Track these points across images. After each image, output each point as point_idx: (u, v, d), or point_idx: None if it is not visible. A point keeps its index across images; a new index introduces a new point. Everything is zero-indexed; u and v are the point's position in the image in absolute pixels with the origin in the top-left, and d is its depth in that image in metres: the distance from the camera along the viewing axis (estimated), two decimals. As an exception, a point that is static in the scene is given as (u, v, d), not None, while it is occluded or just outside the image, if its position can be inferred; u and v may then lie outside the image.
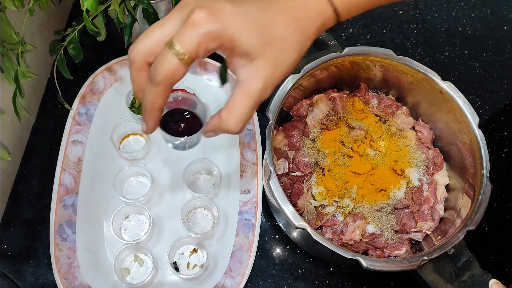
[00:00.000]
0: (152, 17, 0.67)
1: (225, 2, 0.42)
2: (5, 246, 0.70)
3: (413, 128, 0.75)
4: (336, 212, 0.67)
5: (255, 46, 0.42)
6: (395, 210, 0.69)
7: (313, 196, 0.68)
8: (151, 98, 0.44)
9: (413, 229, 0.68)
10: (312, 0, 0.44)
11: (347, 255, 0.57)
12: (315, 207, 0.68)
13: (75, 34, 0.65)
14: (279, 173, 0.70)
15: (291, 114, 0.76)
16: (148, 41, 0.43)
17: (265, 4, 0.43)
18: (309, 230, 0.57)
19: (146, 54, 0.43)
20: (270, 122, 0.63)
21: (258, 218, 0.69)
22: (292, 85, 0.66)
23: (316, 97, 0.74)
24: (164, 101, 0.45)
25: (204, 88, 0.77)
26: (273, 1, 0.43)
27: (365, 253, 0.68)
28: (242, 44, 0.42)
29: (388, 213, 0.69)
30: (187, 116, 0.54)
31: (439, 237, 0.66)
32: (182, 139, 0.52)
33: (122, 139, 0.77)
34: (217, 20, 0.41)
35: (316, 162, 0.70)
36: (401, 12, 0.95)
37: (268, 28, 0.42)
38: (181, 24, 0.42)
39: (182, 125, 0.53)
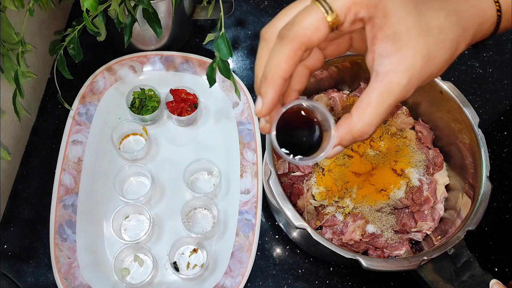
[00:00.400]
0: (152, 17, 0.67)
1: None
2: (5, 246, 0.70)
3: (413, 128, 0.75)
4: (336, 212, 0.67)
5: (408, 30, 0.35)
6: (395, 210, 0.69)
7: (313, 196, 0.68)
8: (277, 60, 0.35)
9: (413, 229, 0.68)
10: (480, 15, 0.38)
11: (347, 255, 0.57)
12: (315, 207, 0.68)
13: (75, 34, 0.65)
14: (279, 173, 0.70)
15: (291, 114, 0.76)
16: (287, 19, 0.36)
17: (452, 7, 0.37)
18: (309, 230, 0.57)
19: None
20: (270, 122, 0.63)
21: (258, 218, 0.69)
22: (292, 85, 0.66)
23: (316, 97, 0.74)
24: (291, 69, 0.36)
25: (205, 88, 0.77)
26: (455, 7, 0.37)
27: (365, 253, 0.68)
28: (395, 23, 0.35)
29: (388, 213, 0.69)
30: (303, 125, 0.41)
31: (439, 237, 0.66)
32: (297, 159, 0.39)
33: (122, 139, 0.77)
34: None
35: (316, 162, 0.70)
36: (401, 12, 0.95)
37: (427, 14, 0.36)
38: None
39: (299, 137, 0.41)
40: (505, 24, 0.40)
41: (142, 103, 0.76)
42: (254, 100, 0.77)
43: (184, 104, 0.76)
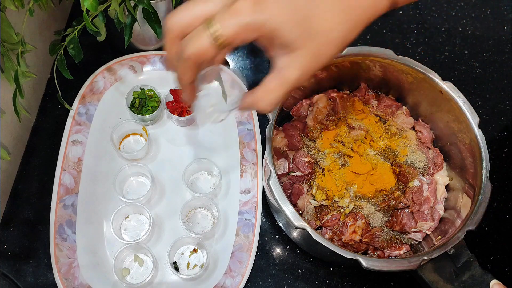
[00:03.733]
0: (152, 17, 0.67)
1: None
2: (5, 246, 0.70)
3: (413, 128, 0.75)
4: (336, 212, 0.67)
5: (296, 39, 0.41)
6: (395, 210, 0.69)
7: (313, 196, 0.68)
8: (180, 71, 0.45)
9: (413, 229, 0.68)
10: None
11: (347, 255, 0.57)
12: (315, 207, 0.68)
13: (75, 34, 0.65)
14: (279, 173, 0.70)
15: (291, 114, 0.76)
16: (187, 13, 0.43)
17: None
18: (309, 230, 0.57)
19: (183, 25, 0.43)
20: (270, 122, 0.63)
21: (258, 218, 0.69)
22: (292, 85, 0.66)
23: (316, 97, 0.74)
24: (191, 78, 0.45)
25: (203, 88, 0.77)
26: None
27: (365, 253, 0.68)
28: (283, 36, 0.41)
29: (388, 213, 0.69)
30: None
31: (439, 237, 0.66)
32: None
33: (122, 139, 0.77)
34: (262, 11, 0.40)
35: (316, 162, 0.70)
36: (401, 12, 0.95)
37: (314, 20, 0.40)
38: (224, 6, 0.41)
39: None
40: (402, 1, 0.43)
41: (142, 103, 0.76)
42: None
43: (184, 104, 0.76)
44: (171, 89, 0.76)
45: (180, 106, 0.76)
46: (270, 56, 0.44)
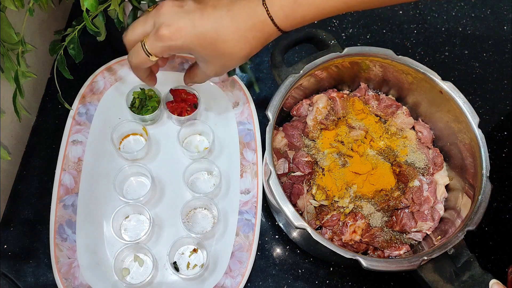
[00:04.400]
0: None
1: (187, 22, 0.53)
2: (5, 246, 0.70)
3: (413, 128, 0.75)
4: (336, 212, 0.67)
5: (207, 57, 0.57)
6: (395, 210, 0.69)
7: (313, 196, 0.68)
8: (134, 73, 0.65)
9: (413, 229, 0.68)
10: (260, 22, 0.53)
11: (347, 255, 0.57)
12: (315, 207, 0.68)
13: (75, 34, 0.65)
14: (279, 173, 0.70)
15: (291, 114, 0.76)
16: (133, 33, 0.59)
17: (221, 24, 0.53)
18: (309, 230, 0.57)
19: (132, 41, 0.59)
20: (270, 122, 0.63)
21: (258, 218, 0.69)
22: (292, 85, 0.66)
23: (316, 97, 0.74)
24: (144, 75, 0.65)
25: (205, 88, 0.77)
26: (228, 22, 0.53)
27: (365, 253, 0.68)
28: (197, 54, 0.57)
29: (388, 213, 0.69)
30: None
31: (439, 237, 0.66)
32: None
33: (122, 139, 0.77)
34: (178, 38, 0.54)
35: (316, 162, 0.70)
36: (401, 12, 0.95)
37: (220, 45, 0.54)
38: (153, 29, 0.56)
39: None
40: (289, 30, 0.55)
41: (142, 103, 0.76)
42: (254, 100, 0.77)
43: (184, 104, 0.76)
44: (171, 89, 0.76)
45: (180, 106, 0.76)
46: (195, 58, 0.60)
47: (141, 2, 0.66)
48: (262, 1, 0.52)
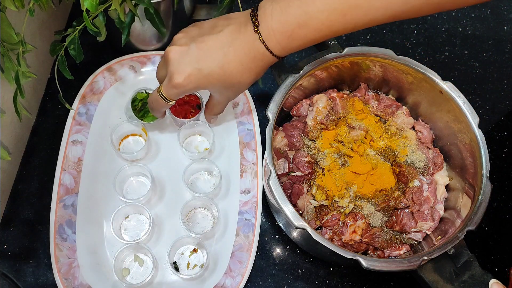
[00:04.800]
0: (154, 18, 0.67)
1: (194, 67, 0.58)
2: (5, 246, 0.70)
3: (413, 128, 0.75)
4: (336, 212, 0.67)
5: (219, 90, 0.63)
6: (395, 210, 0.69)
7: (313, 196, 0.68)
8: (153, 113, 0.70)
9: (413, 229, 0.68)
10: (259, 54, 0.58)
11: (347, 255, 0.57)
12: (315, 207, 0.68)
13: (75, 34, 0.65)
14: (279, 173, 0.70)
15: (291, 114, 0.76)
16: (159, 73, 0.66)
17: (225, 61, 0.58)
18: (309, 230, 0.57)
19: (160, 79, 0.66)
20: (270, 122, 0.63)
21: (258, 218, 0.69)
22: (292, 85, 0.66)
23: (316, 97, 0.74)
24: (159, 115, 0.71)
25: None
26: (231, 57, 0.58)
27: (365, 253, 0.68)
28: (210, 90, 0.64)
29: (388, 213, 0.69)
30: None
31: (439, 237, 0.66)
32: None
33: (122, 140, 0.77)
34: (190, 83, 0.59)
35: (316, 162, 0.70)
36: (401, 12, 0.95)
37: (228, 79, 0.60)
38: (167, 78, 0.61)
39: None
40: (285, 55, 0.60)
41: (145, 107, 0.75)
42: (254, 100, 0.77)
43: (187, 106, 0.76)
44: None
45: (184, 109, 0.76)
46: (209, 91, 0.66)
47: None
48: (259, 37, 0.57)
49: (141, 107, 0.76)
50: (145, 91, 0.76)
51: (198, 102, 0.77)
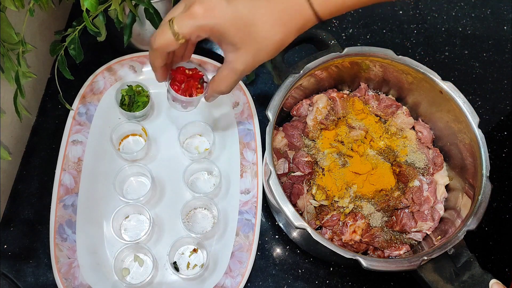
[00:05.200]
0: (154, 17, 0.67)
1: (220, 1, 0.50)
2: (5, 246, 0.70)
3: (413, 128, 0.75)
4: (336, 212, 0.67)
5: (240, 41, 0.51)
6: (395, 210, 0.69)
7: (313, 196, 0.68)
8: (151, 58, 0.57)
9: (413, 229, 0.68)
10: (297, 5, 0.50)
11: (347, 255, 0.57)
12: (315, 207, 0.68)
13: (75, 34, 0.65)
14: (279, 173, 0.70)
15: (291, 114, 0.76)
16: (165, 19, 0.55)
17: (256, 5, 0.50)
18: (309, 230, 0.57)
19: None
20: (270, 122, 0.63)
21: (258, 218, 0.69)
22: (292, 85, 0.66)
23: (316, 97, 0.74)
24: (161, 63, 0.58)
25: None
26: (264, 3, 0.50)
27: (365, 253, 0.68)
28: (229, 38, 0.51)
29: (388, 213, 0.69)
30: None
31: (439, 237, 0.66)
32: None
33: (122, 140, 0.77)
34: (211, 17, 0.50)
35: (316, 162, 0.70)
36: (401, 12, 0.95)
37: (253, 28, 0.50)
38: (183, 8, 0.52)
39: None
40: (326, 18, 0.52)
41: (132, 100, 0.76)
42: (254, 100, 0.77)
43: (192, 81, 0.66)
44: (171, 70, 0.65)
45: (189, 84, 0.66)
46: (222, 49, 0.54)
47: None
48: None
49: (128, 101, 0.76)
50: (127, 85, 0.76)
51: (202, 76, 0.66)
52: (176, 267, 0.68)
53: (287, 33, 0.51)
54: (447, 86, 0.67)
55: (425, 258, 0.58)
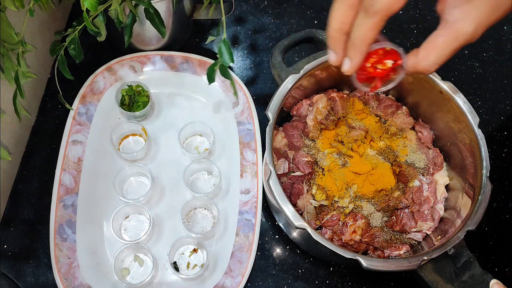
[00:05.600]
0: (154, 17, 0.67)
1: None
2: (5, 246, 0.70)
3: (413, 128, 0.75)
4: (336, 212, 0.67)
5: None
6: (395, 210, 0.69)
7: (313, 196, 0.68)
8: (364, 30, 0.41)
9: (413, 229, 0.68)
10: None
11: (347, 255, 0.57)
12: (315, 207, 0.68)
13: (75, 34, 0.65)
14: (279, 173, 0.70)
15: (291, 114, 0.76)
16: None
17: None
18: (309, 230, 0.57)
19: None
20: (270, 122, 0.63)
21: (258, 218, 0.69)
22: (292, 85, 0.66)
23: (316, 97, 0.74)
24: (376, 35, 0.43)
25: (205, 88, 0.77)
26: None
27: (365, 253, 0.68)
28: None
29: (388, 213, 0.69)
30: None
31: (439, 237, 0.66)
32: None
33: (122, 140, 0.77)
34: None
35: (316, 162, 0.70)
36: (401, 12, 0.94)
37: None
38: None
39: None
40: None
41: (132, 100, 0.76)
42: (254, 100, 0.77)
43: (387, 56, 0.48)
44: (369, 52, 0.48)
45: (387, 71, 0.49)
46: (441, 9, 0.41)
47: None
48: None
49: (128, 101, 0.76)
50: (127, 85, 0.76)
51: (399, 57, 0.49)
52: (176, 267, 0.68)
53: None
54: (447, 86, 0.67)
55: (425, 258, 0.58)
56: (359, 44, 0.42)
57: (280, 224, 0.72)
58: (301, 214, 0.65)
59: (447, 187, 0.71)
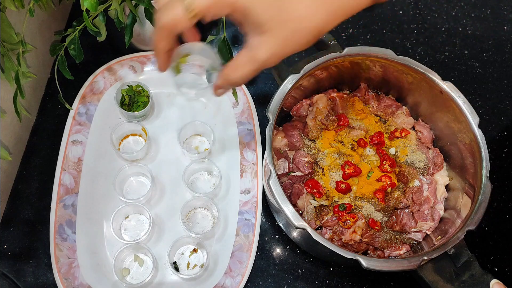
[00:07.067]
0: (154, 17, 0.67)
1: None
2: (5, 246, 0.70)
3: (413, 128, 0.75)
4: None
5: (267, 21, 0.41)
6: (395, 210, 0.69)
7: (313, 196, 0.68)
8: (155, 39, 0.46)
9: (413, 229, 0.68)
10: None
11: (347, 255, 0.57)
12: (315, 207, 0.68)
13: (76, 34, 0.65)
14: (279, 173, 0.70)
15: (291, 114, 0.76)
16: None
17: None
18: (309, 230, 0.57)
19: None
20: (270, 122, 0.63)
21: (258, 218, 0.69)
22: (292, 85, 0.66)
23: (316, 97, 0.74)
24: (166, 46, 0.46)
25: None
26: None
27: (365, 253, 0.68)
28: (255, 16, 0.41)
29: (388, 213, 0.69)
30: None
31: (439, 237, 0.66)
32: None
33: (122, 140, 0.77)
34: None
35: (316, 162, 0.70)
36: (401, 12, 0.95)
37: (289, 5, 0.40)
38: None
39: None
40: None
41: (132, 100, 0.76)
42: (254, 100, 0.77)
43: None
44: None
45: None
46: (244, 32, 0.44)
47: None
48: None
49: (128, 101, 0.76)
50: (127, 85, 0.76)
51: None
52: (176, 267, 0.68)
53: (333, 15, 0.40)
54: (447, 86, 0.67)
55: (425, 258, 0.58)
56: (157, 51, 0.47)
57: (280, 224, 0.72)
58: (301, 214, 0.65)
59: (447, 187, 0.71)
